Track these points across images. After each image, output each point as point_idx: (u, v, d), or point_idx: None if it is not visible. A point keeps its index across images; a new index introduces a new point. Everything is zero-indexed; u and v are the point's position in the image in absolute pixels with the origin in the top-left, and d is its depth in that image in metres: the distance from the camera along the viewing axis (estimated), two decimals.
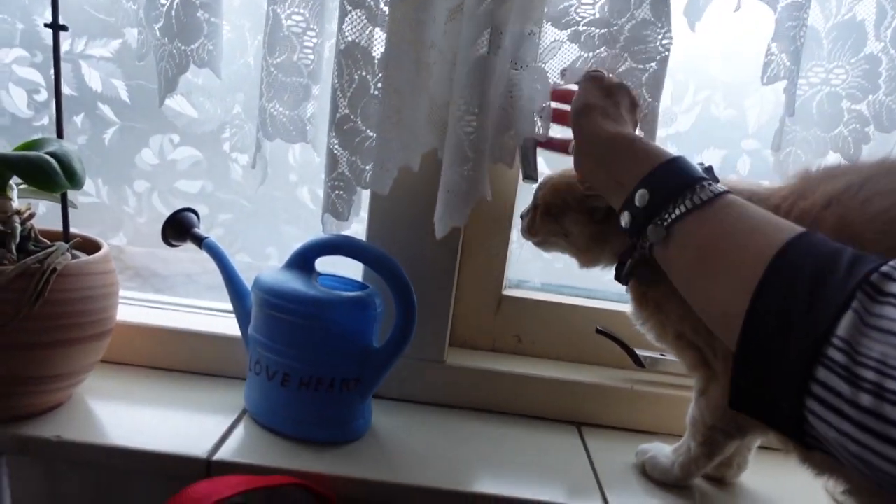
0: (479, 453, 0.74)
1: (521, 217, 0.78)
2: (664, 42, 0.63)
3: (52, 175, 0.64)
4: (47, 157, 0.65)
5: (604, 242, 0.71)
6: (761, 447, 0.77)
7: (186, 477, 0.62)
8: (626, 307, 0.73)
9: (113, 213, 0.88)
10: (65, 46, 0.84)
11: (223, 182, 0.87)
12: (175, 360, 0.83)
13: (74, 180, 0.67)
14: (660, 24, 0.63)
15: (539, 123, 0.71)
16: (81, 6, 0.80)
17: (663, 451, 0.74)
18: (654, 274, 0.62)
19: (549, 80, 0.70)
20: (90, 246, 0.74)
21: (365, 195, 0.78)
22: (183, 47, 0.70)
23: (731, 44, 0.84)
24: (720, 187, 0.53)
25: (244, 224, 0.89)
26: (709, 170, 0.58)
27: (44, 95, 0.85)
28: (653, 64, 0.64)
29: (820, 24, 0.71)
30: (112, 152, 0.86)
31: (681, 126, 0.86)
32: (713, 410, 0.67)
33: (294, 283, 0.71)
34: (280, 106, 0.71)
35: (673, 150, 0.86)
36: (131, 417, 0.72)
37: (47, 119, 0.86)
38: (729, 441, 0.68)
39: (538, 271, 0.93)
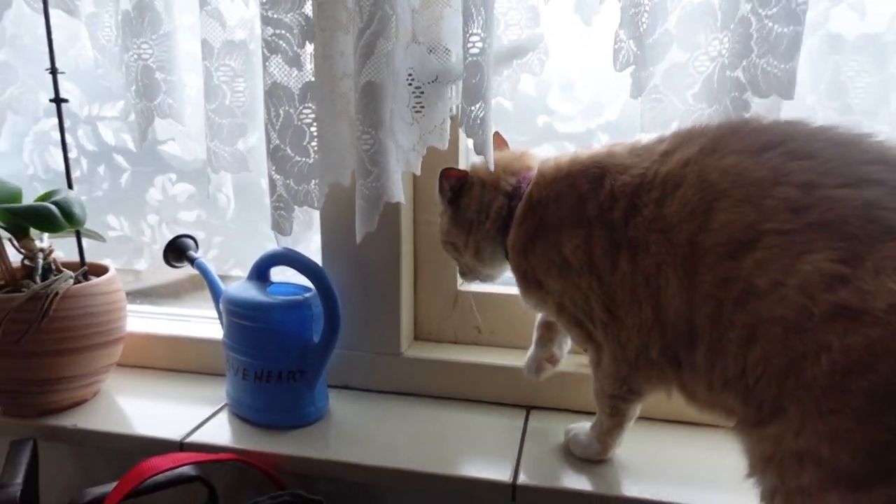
0: (419, 435, 0.82)
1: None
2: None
3: (52, 219, 0.82)
4: (49, 205, 0.83)
5: (468, 226, 0.78)
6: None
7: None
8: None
9: (134, 243, 1.07)
10: (85, 111, 1.04)
11: (214, 211, 1.02)
12: (183, 362, 1.00)
13: (73, 221, 0.85)
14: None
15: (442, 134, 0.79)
16: (94, 74, 0.98)
17: (584, 428, 0.78)
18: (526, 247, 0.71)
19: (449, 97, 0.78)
20: (102, 271, 0.92)
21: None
22: (148, 104, 0.85)
23: None
24: None
25: (235, 244, 1.04)
26: None
27: (75, 153, 1.05)
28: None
29: None
30: (128, 193, 1.04)
31: (610, 116, 0.88)
32: (608, 378, 0.71)
33: (249, 292, 0.84)
34: (220, 143, 0.84)
35: (605, 139, 0.90)
36: (136, 410, 0.89)
37: (79, 172, 1.05)
38: (630, 405, 0.72)
39: None
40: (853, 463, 0.46)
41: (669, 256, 0.60)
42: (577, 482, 0.72)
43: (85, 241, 0.98)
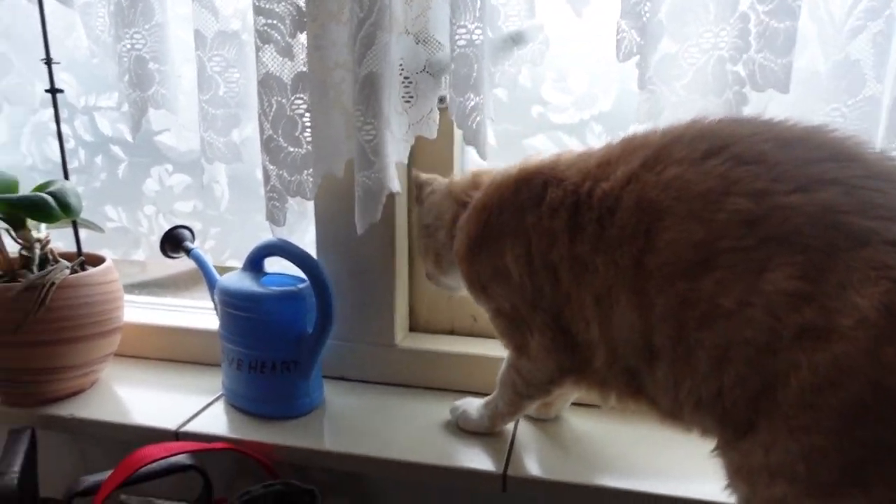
0: (412, 426, 0.82)
1: None
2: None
3: (48, 209, 0.82)
4: (45, 195, 0.83)
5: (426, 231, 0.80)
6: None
7: None
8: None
9: (132, 234, 1.07)
10: (82, 101, 1.04)
11: (210, 201, 1.02)
12: (181, 353, 1.00)
13: (69, 211, 0.85)
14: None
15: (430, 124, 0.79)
16: (90, 65, 0.98)
17: (473, 405, 0.82)
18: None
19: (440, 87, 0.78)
20: (99, 261, 0.92)
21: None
22: (141, 94, 0.85)
23: None
24: None
25: (231, 235, 1.04)
26: None
27: (72, 144, 1.05)
28: None
29: None
30: (125, 184, 1.05)
31: (603, 107, 0.88)
32: (527, 379, 0.73)
33: (243, 283, 0.84)
34: (214, 133, 0.84)
35: (598, 129, 0.90)
36: (133, 400, 0.90)
37: (77, 163, 1.06)
38: (533, 403, 0.77)
39: None
40: (830, 478, 0.46)
41: (618, 279, 0.58)
42: (567, 473, 0.72)
43: (84, 232, 0.98)
